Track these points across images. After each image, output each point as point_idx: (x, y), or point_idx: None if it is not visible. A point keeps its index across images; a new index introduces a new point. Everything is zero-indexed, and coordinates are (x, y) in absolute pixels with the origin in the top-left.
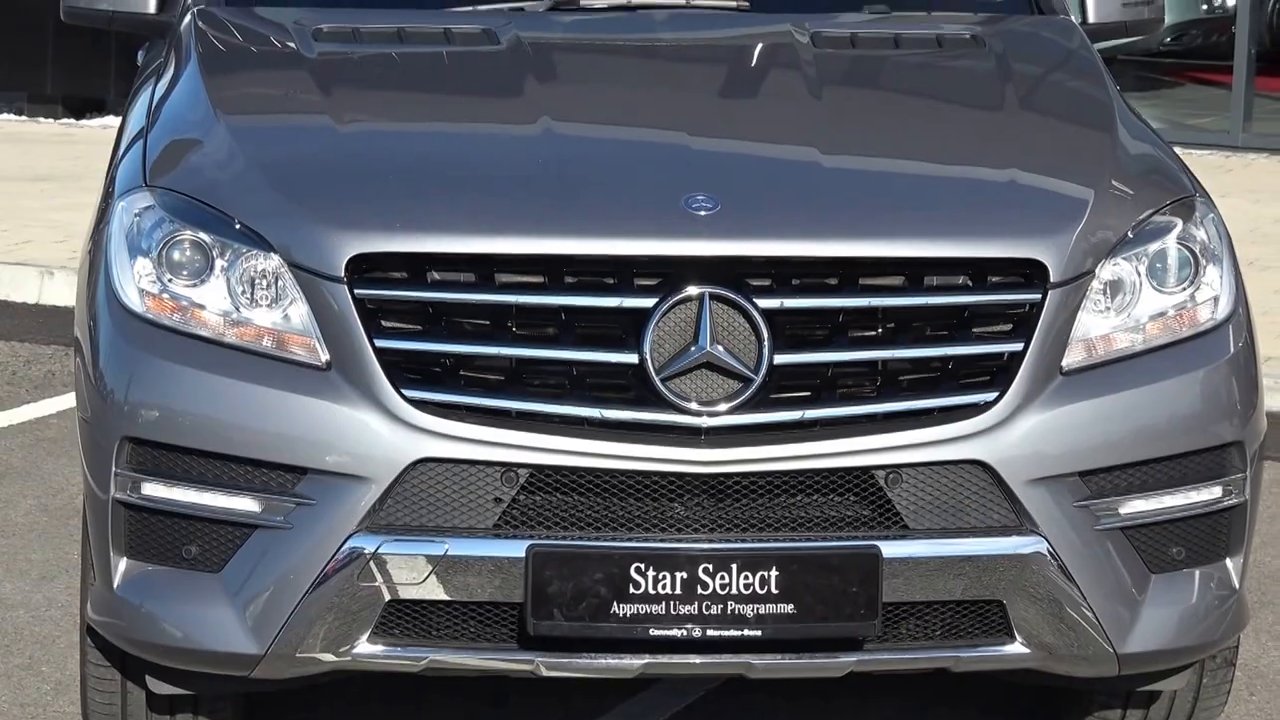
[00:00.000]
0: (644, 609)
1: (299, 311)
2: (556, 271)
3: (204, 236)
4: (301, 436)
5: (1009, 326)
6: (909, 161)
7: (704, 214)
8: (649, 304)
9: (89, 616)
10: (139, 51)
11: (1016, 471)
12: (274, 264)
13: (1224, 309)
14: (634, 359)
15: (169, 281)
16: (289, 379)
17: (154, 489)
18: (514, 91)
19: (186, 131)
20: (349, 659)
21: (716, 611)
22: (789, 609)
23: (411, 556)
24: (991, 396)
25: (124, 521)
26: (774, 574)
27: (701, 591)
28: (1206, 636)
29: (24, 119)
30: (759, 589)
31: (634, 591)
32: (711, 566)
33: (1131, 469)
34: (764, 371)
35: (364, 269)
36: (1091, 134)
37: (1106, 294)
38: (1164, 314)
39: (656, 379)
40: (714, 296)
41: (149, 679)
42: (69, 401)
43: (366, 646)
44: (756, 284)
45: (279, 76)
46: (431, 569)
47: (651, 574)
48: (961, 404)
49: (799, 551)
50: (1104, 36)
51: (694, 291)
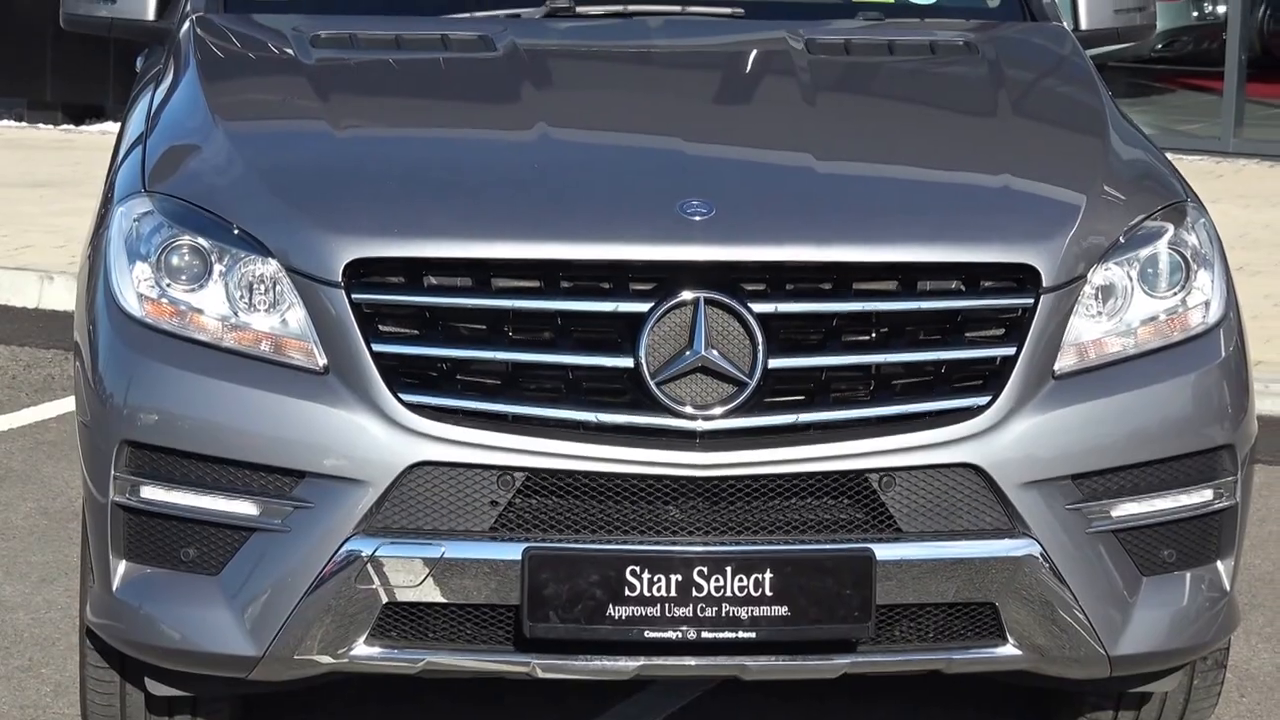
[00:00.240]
0: (639, 611)
1: (297, 316)
2: (552, 276)
3: (202, 241)
4: (299, 440)
5: (1002, 331)
6: (902, 167)
7: (699, 219)
8: (644, 308)
9: (88, 619)
10: (138, 58)
11: (1009, 475)
12: (272, 269)
13: (1215, 313)
14: (629, 363)
15: (168, 286)
16: (287, 383)
17: (153, 492)
18: (510, 97)
19: (185, 137)
20: (346, 661)
21: (711, 614)
22: (783, 611)
23: (408, 559)
24: (984, 400)
25: (123, 524)
26: (768, 576)
27: (696, 594)
28: (1197, 638)
29: (24, 125)
30: (753, 591)
31: (629, 594)
32: (706, 569)
33: (1123, 472)
34: (758, 375)
35: (361, 274)
36: (1084, 140)
37: (1098, 298)
38: (1155, 318)
39: (651, 383)
40: (709, 301)
41: (148, 681)
42: (69, 405)
43: (364, 648)
44: (751, 288)
45: (277, 83)
46: (428, 571)
47: (646, 576)
48: (954, 408)
49: (793, 554)
50: (1096, 43)
51: (689, 296)
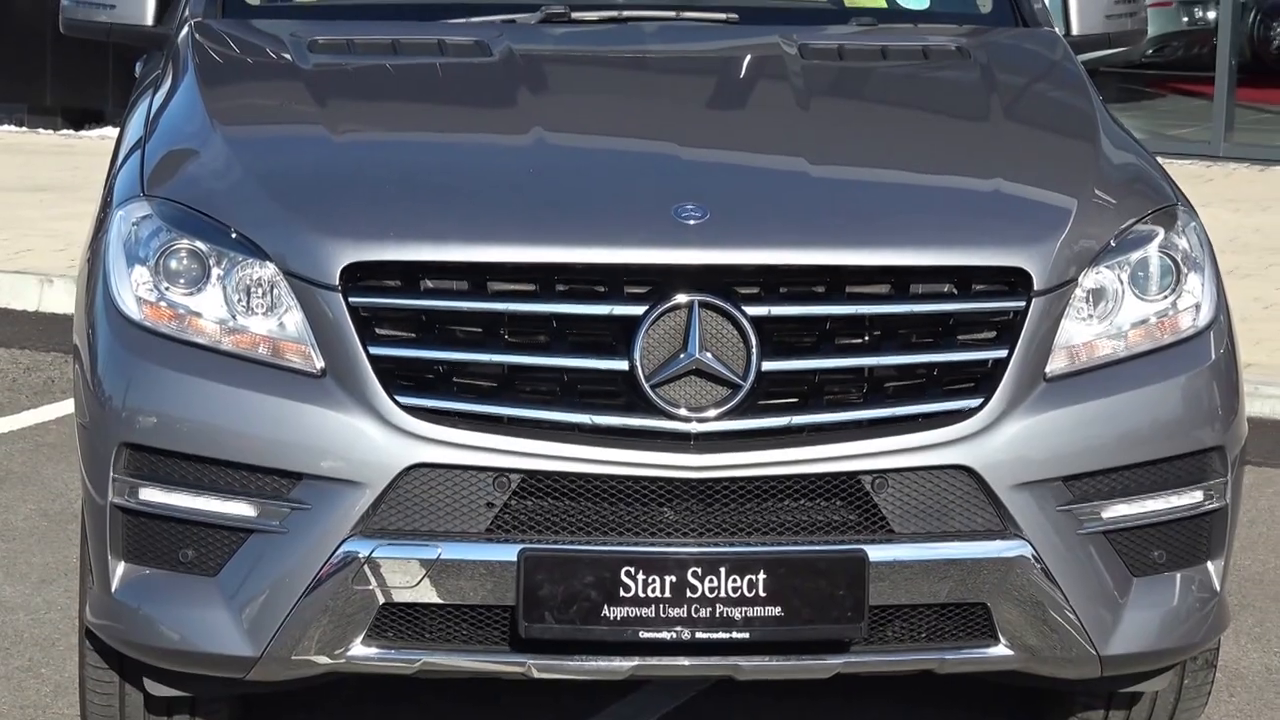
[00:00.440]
0: (634, 612)
1: (294, 319)
2: (548, 280)
3: (200, 245)
4: (296, 442)
5: (993, 334)
6: (895, 171)
7: (693, 223)
8: (639, 311)
9: (87, 619)
10: (137, 63)
11: (1001, 476)
12: (269, 272)
13: (1205, 316)
14: (624, 366)
15: (166, 290)
16: (284, 386)
17: (151, 494)
18: (506, 102)
19: (184, 142)
20: (343, 661)
21: (705, 614)
22: (776, 612)
23: (405, 560)
24: (976, 402)
25: (122, 526)
26: (762, 577)
27: (690, 594)
28: (1188, 638)
29: (24, 130)
30: (747, 592)
31: (624, 594)
32: (700, 570)
33: (1114, 474)
34: (752, 378)
35: (358, 277)
36: (1075, 144)
37: (1089, 301)
38: (1146, 321)
39: (646, 385)
40: (703, 304)
41: (146, 681)
42: (68, 408)
43: (361, 649)
44: (745, 292)
45: (275, 88)
46: (425, 573)
47: (641, 577)
48: (947, 410)
49: (786, 555)
50: (1088, 48)
51: (683, 299)
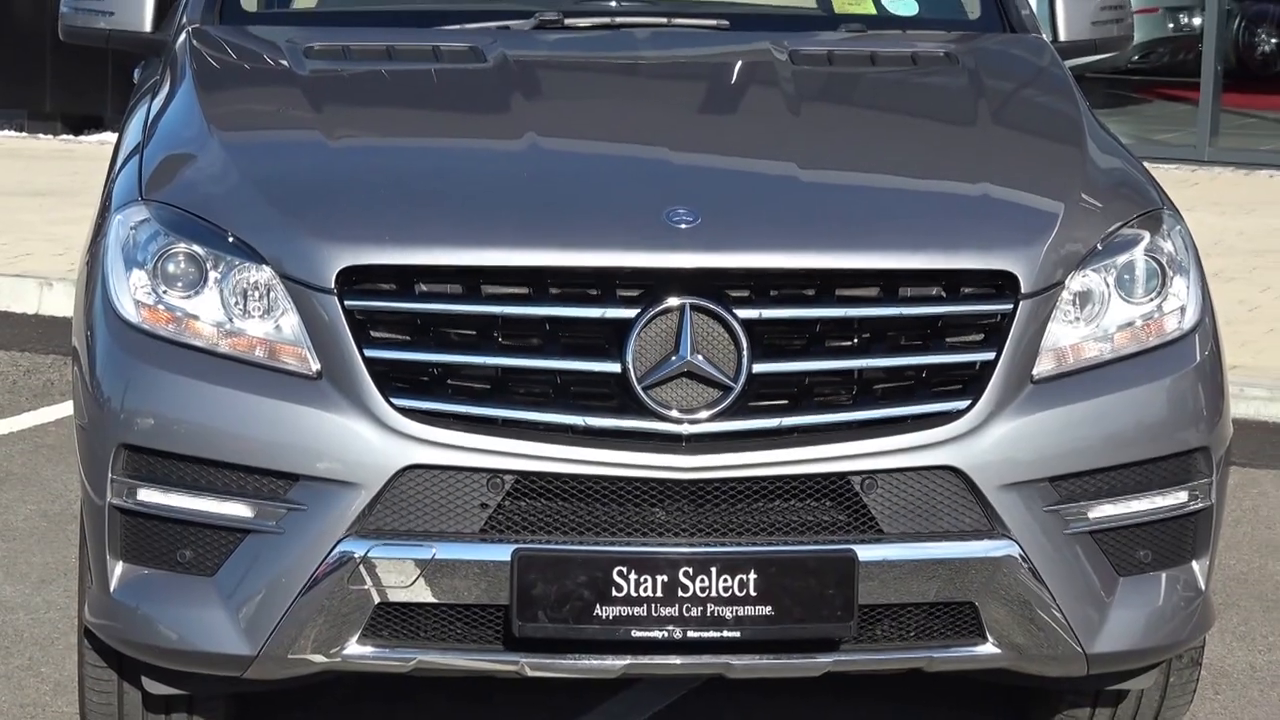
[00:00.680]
0: (626, 611)
1: (290, 322)
2: (541, 283)
3: (198, 249)
4: (293, 444)
5: (981, 336)
6: (884, 175)
7: (685, 227)
8: (631, 314)
9: (86, 619)
10: (135, 69)
11: (989, 477)
12: (266, 276)
13: (1190, 319)
14: (616, 368)
15: (164, 293)
16: (281, 388)
17: (149, 495)
18: (500, 108)
19: (181, 147)
20: (339, 660)
21: (696, 613)
22: (767, 611)
23: (400, 560)
24: (964, 404)
25: (120, 526)
26: (752, 577)
27: (682, 594)
28: (1173, 637)
29: (24, 135)
30: (738, 591)
31: (616, 594)
32: (692, 570)
33: (1100, 474)
34: (743, 380)
35: (354, 281)
36: (1062, 149)
37: (1076, 304)
38: (1132, 324)
39: (638, 387)
40: (694, 307)
41: (145, 680)
42: (68, 409)
43: (356, 648)
44: (736, 295)
45: (271, 93)
46: (419, 572)
47: (633, 577)
48: (935, 411)
49: (777, 555)
50: (1074, 54)
51: (675, 302)
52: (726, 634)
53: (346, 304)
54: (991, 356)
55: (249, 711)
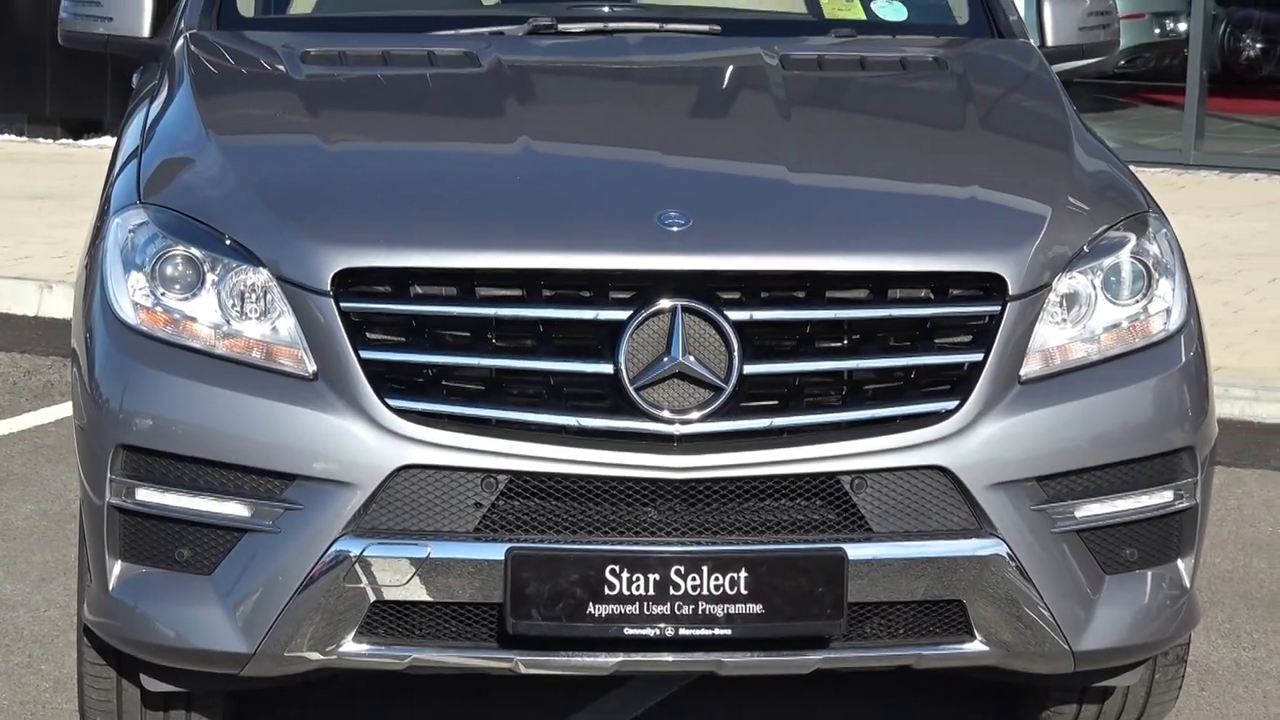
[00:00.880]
0: (618, 609)
1: (287, 324)
2: (535, 285)
3: (195, 252)
4: (289, 444)
5: (969, 337)
6: (874, 179)
7: (676, 230)
8: (623, 316)
9: (85, 617)
10: (134, 74)
11: (976, 477)
12: (263, 278)
13: (1176, 320)
14: (609, 369)
15: (162, 295)
16: (277, 389)
17: (147, 494)
18: (494, 112)
19: (179, 151)
20: (335, 658)
21: (688, 611)
22: (758, 609)
23: (395, 559)
24: (952, 405)
25: (119, 526)
26: (743, 575)
27: (674, 592)
28: (1158, 634)
29: (24, 139)
30: (729, 590)
31: (609, 592)
32: (683, 568)
33: (1087, 474)
34: (734, 381)
35: (349, 283)
36: (1049, 152)
37: (1063, 306)
38: (1118, 325)
39: (631, 388)
40: (686, 309)
41: (143, 677)
42: (67, 410)
43: (352, 646)
44: (727, 297)
45: (268, 98)
46: (414, 571)
47: (626, 575)
48: (924, 412)
49: (767, 554)
50: (1062, 59)
51: (666, 304)
52: (718, 632)
53: (342, 306)
54: (979, 357)
55: (247, 708)
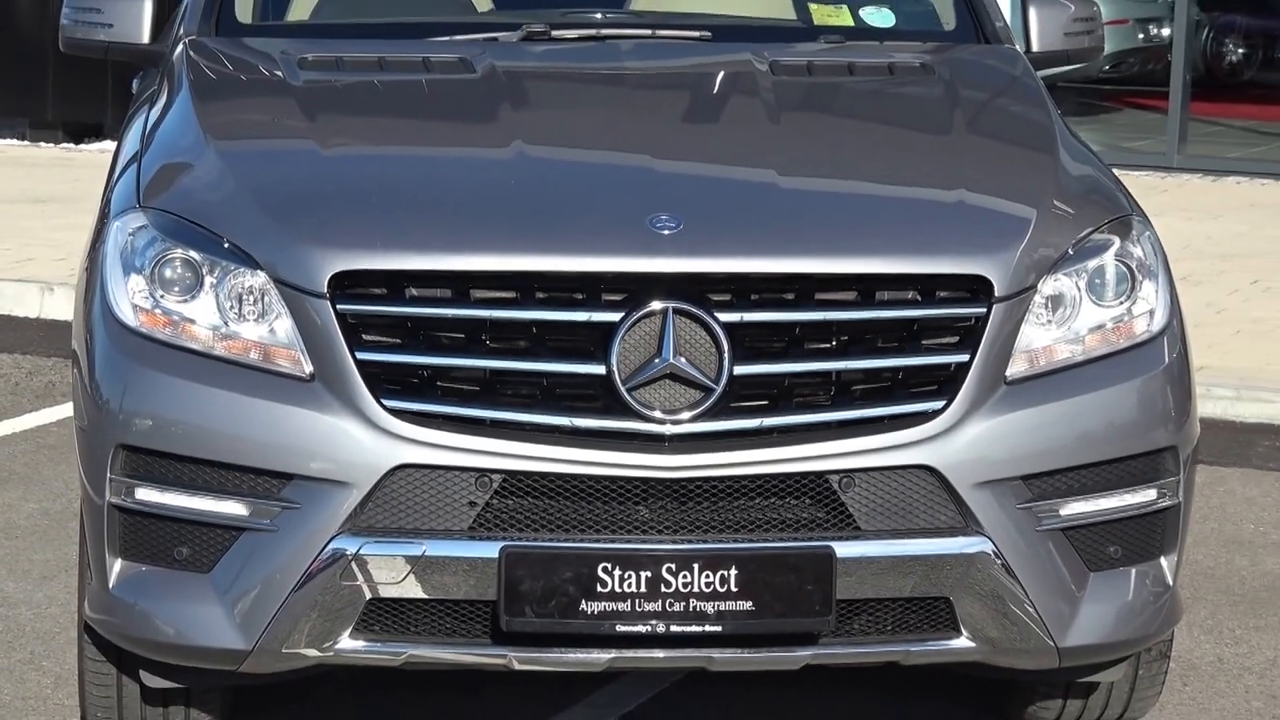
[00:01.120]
0: (611, 606)
1: (284, 326)
2: (528, 287)
3: (194, 255)
4: (286, 444)
5: (956, 339)
6: (862, 182)
7: (667, 233)
8: (615, 318)
9: (86, 614)
10: (134, 80)
11: (963, 476)
12: (260, 281)
13: (1159, 322)
14: (601, 370)
15: (161, 297)
16: (275, 390)
17: (147, 494)
18: (488, 117)
19: (178, 155)
20: (332, 654)
21: (679, 608)
22: (748, 606)
23: (391, 557)
24: (939, 405)
25: (118, 524)
26: (733, 573)
27: (665, 590)
28: (1142, 631)
29: (26, 144)
30: (719, 587)
31: (601, 590)
32: (674, 566)
33: (1071, 473)
34: (724, 382)
35: (346, 285)
36: (1034, 156)
37: (1048, 308)
38: (1102, 326)
39: (623, 389)
40: (677, 311)
41: (143, 673)
42: (69, 410)
43: (348, 642)
44: (717, 299)
45: (266, 103)
46: (410, 569)
47: (618, 573)
48: (911, 412)
49: (757, 551)
50: (1047, 64)
51: (658, 306)
52: (708, 628)
53: (338, 308)
54: (966, 358)
55: (245, 704)
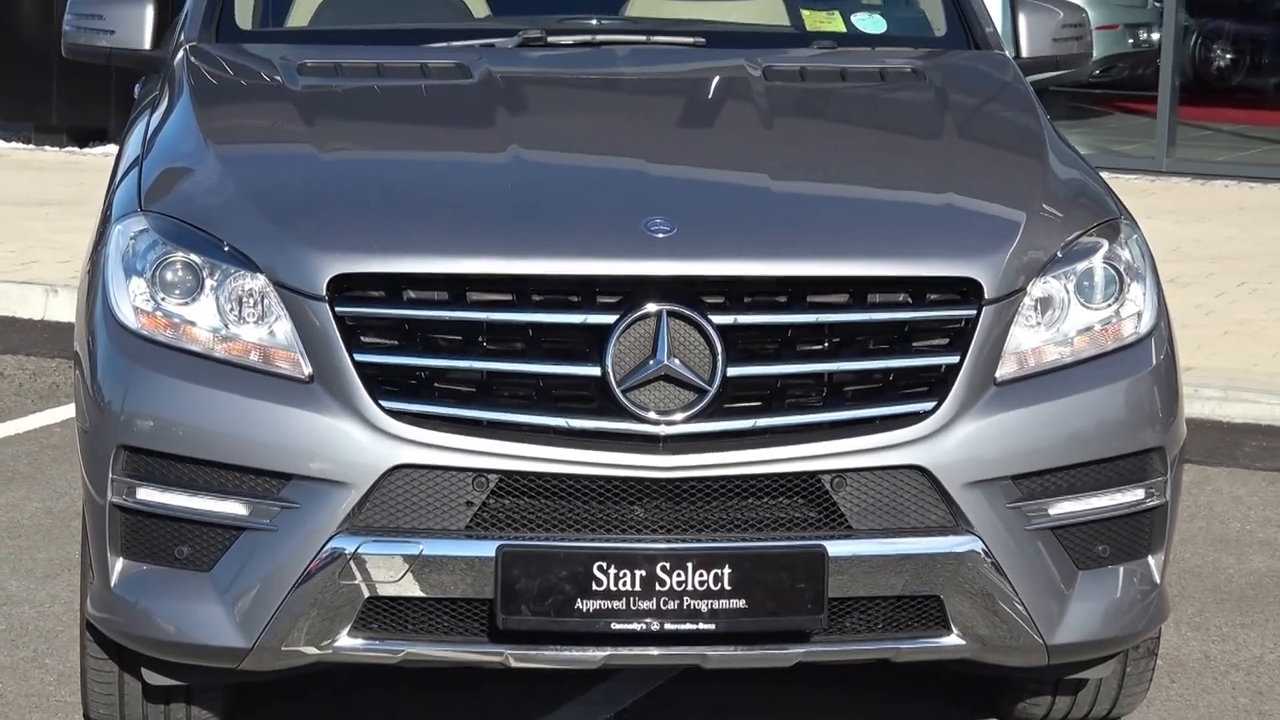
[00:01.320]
0: (606, 605)
1: (283, 328)
2: (524, 290)
3: (195, 258)
4: (286, 445)
5: (946, 340)
6: (854, 187)
7: (662, 236)
8: (610, 320)
9: (88, 613)
10: (136, 85)
11: (953, 476)
12: (260, 283)
13: (1146, 323)
14: (596, 372)
15: (162, 300)
16: (274, 391)
17: (148, 494)
18: (485, 122)
19: (179, 160)
20: (330, 652)
21: (673, 607)
22: (741, 604)
23: (389, 556)
24: (930, 406)
25: (120, 524)
26: (727, 571)
27: (659, 588)
28: (1130, 628)
29: (31, 147)
30: (713, 585)
31: (596, 588)
32: (669, 565)
33: (1060, 473)
34: (718, 383)
35: (344, 288)
36: (1023, 161)
37: (1037, 310)
38: (1091, 328)
39: (617, 390)
40: (671, 313)
41: (144, 671)
42: (72, 411)
43: (347, 640)
44: (711, 301)
45: (265, 108)
46: (407, 568)
47: (613, 572)
48: (902, 413)
49: (750, 550)
50: (1036, 70)
51: (652, 308)
52: (702, 626)
53: (337, 310)
54: (956, 360)
55: (245, 701)
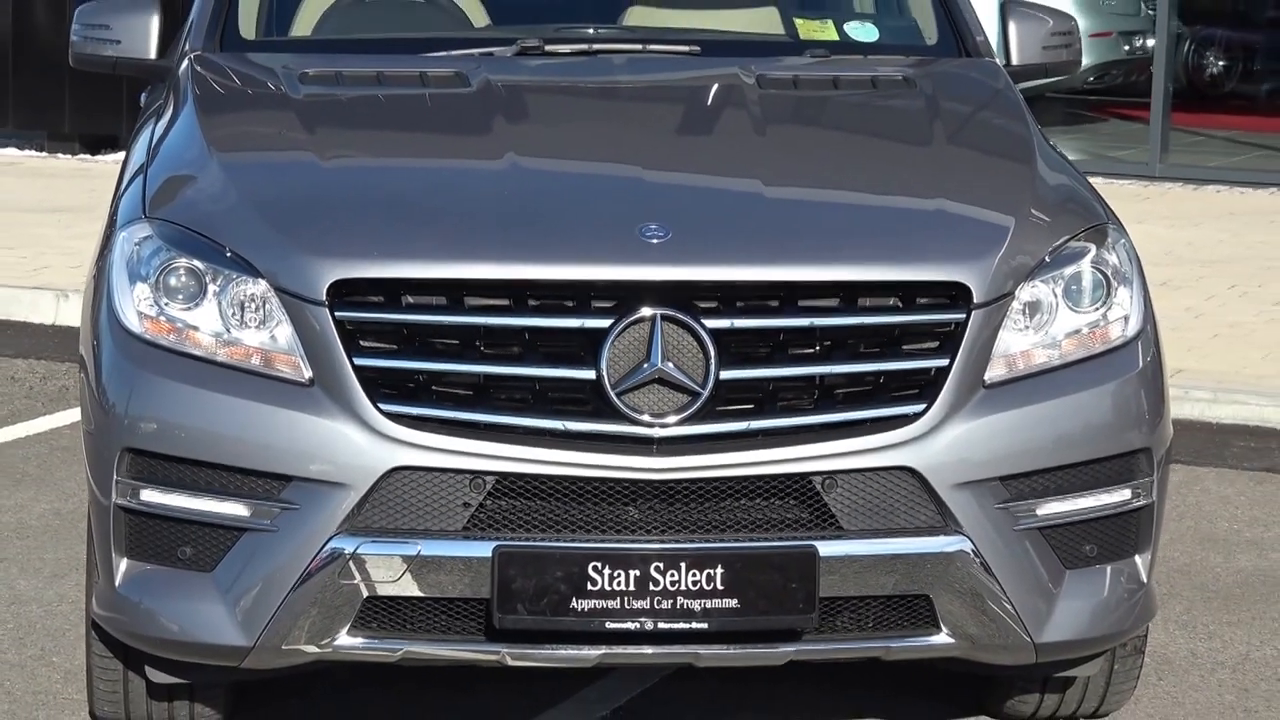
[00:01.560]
0: (601, 604)
1: (284, 332)
2: (521, 295)
3: (198, 264)
4: (286, 447)
5: (936, 344)
6: (846, 192)
7: (656, 242)
8: (605, 324)
9: (93, 612)
10: (142, 94)
11: (942, 477)
12: (262, 289)
13: (1134, 327)
14: (591, 375)
15: (166, 305)
16: (275, 394)
17: (152, 495)
18: (483, 129)
19: (183, 167)
20: (330, 650)
21: (667, 606)
22: (733, 604)
23: (387, 556)
24: (920, 408)
25: (124, 525)
26: (719, 571)
27: (653, 588)
28: (1117, 627)
29: (44, 155)
30: (706, 585)
31: (591, 588)
32: (662, 565)
33: (1048, 474)
34: (711, 386)
35: (344, 293)
36: (1013, 166)
37: (1026, 313)
38: (1078, 331)
39: (612, 393)
40: (665, 317)
41: (148, 669)
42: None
43: (346, 639)
44: (704, 306)
45: (268, 116)
46: (406, 568)
47: (607, 572)
48: (892, 415)
49: (742, 551)
50: (1026, 77)
51: (647, 313)
52: (695, 625)
53: (337, 315)
54: (946, 363)
55: (246, 699)
